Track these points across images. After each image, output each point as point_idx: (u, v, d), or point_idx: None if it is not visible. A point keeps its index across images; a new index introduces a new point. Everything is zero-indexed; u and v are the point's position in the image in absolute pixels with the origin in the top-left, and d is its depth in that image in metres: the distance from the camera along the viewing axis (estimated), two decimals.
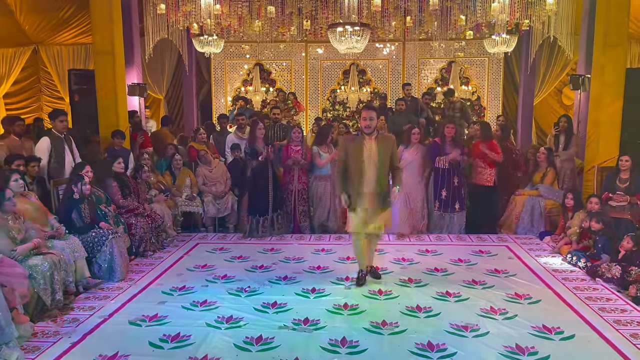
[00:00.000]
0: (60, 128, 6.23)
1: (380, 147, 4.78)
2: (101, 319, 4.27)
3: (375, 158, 4.76)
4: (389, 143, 4.90)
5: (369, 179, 4.77)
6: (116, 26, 7.27)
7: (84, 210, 5.27)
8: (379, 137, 4.86)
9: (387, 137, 5.05)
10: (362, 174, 4.76)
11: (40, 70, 11.58)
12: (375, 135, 4.83)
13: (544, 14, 8.12)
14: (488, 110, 12.03)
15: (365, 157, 4.75)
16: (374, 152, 4.76)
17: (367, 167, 4.75)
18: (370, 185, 4.78)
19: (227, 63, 12.32)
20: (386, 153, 4.81)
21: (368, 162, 4.75)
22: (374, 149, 4.77)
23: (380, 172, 4.79)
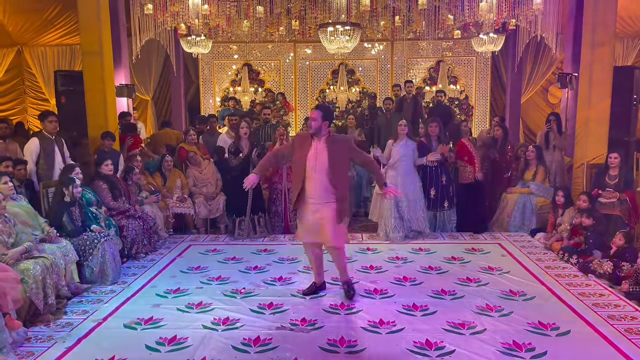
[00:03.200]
0: (50, 129, 6.14)
1: (332, 150, 4.28)
2: (95, 322, 4.21)
3: (324, 162, 4.27)
4: (344, 145, 4.43)
5: (315, 186, 4.31)
6: (104, 26, 7.18)
7: (74, 212, 5.20)
8: (330, 139, 4.34)
9: (340, 138, 4.61)
10: (304, 179, 4.33)
11: (24, 72, 11.41)
12: (326, 137, 4.34)
13: (531, 13, 8.20)
14: (476, 109, 12.12)
15: (310, 160, 4.28)
16: (322, 156, 4.27)
17: (311, 172, 4.29)
18: (315, 194, 4.32)
19: (215, 63, 12.26)
20: (339, 157, 4.31)
21: (313, 166, 4.28)
22: (323, 152, 4.28)
23: (333, 179, 4.28)
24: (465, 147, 6.97)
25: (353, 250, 6.12)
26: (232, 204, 6.91)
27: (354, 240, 6.58)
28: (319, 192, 4.30)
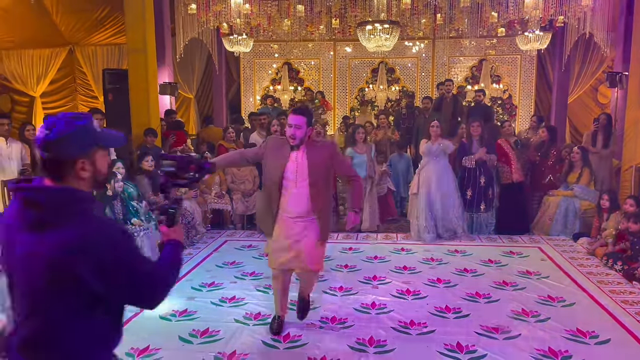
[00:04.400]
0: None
1: (313, 158, 3.57)
2: (133, 313, 4.34)
3: (305, 174, 3.57)
4: (326, 151, 3.67)
5: (294, 201, 3.59)
6: (149, 26, 7.41)
7: (116, 206, 5.39)
8: (310, 145, 3.61)
9: (321, 144, 3.81)
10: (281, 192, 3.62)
11: (75, 70, 11.89)
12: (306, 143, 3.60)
13: (580, 10, 7.93)
14: (520, 109, 11.80)
15: (289, 172, 3.57)
16: (302, 166, 3.57)
17: (292, 186, 3.59)
18: (295, 209, 3.61)
19: (256, 62, 12.42)
20: (321, 165, 3.61)
21: (294, 179, 3.58)
22: (304, 162, 3.57)
23: (315, 193, 3.59)
24: (501, 148, 6.81)
25: (387, 251, 6.09)
26: None
27: (388, 241, 6.55)
28: (299, 208, 3.60)
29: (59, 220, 1.48)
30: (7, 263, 1.57)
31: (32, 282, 1.49)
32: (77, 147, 1.55)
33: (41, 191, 1.54)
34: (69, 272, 1.45)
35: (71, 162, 1.54)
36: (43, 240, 1.47)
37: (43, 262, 1.46)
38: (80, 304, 1.50)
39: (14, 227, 1.53)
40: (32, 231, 1.48)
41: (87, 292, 1.48)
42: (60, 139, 1.52)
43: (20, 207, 1.53)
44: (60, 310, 1.49)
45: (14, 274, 1.55)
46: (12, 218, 1.56)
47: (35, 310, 1.51)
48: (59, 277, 1.46)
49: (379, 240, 6.61)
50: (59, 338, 1.51)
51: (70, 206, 1.51)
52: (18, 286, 1.55)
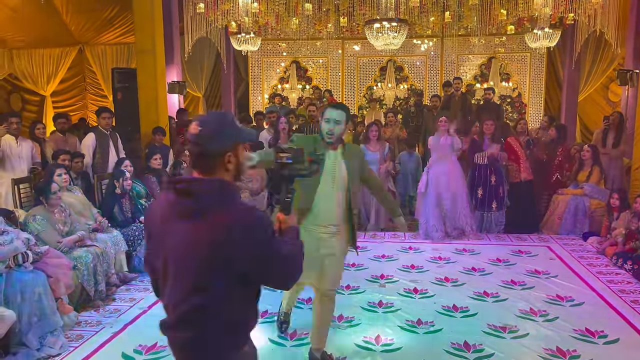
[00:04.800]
0: (104, 124, 6.44)
1: (349, 162, 3.24)
2: (141, 310, 4.39)
3: (344, 177, 3.21)
4: (360, 157, 3.39)
5: (329, 207, 3.20)
6: (157, 25, 7.44)
7: (124, 204, 5.43)
8: (346, 148, 3.29)
9: (355, 148, 3.60)
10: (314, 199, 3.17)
11: (85, 70, 11.99)
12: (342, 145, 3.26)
13: (590, 7, 7.85)
14: (529, 107, 11.71)
15: (328, 173, 3.16)
16: (340, 170, 3.20)
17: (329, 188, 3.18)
18: (328, 217, 3.21)
19: (264, 61, 12.43)
20: (356, 169, 3.28)
21: (332, 180, 3.18)
22: (342, 163, 3.22)
23: (348, 201, 3.25)
24: (511, 146, 6.78)
25: (395, 249, 6.08)
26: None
27: (396, 239, 6.54)
28: (334, 215, 3.22)
29: (211, 209, 1.64)
30: (160, 251, 1.72)
31: (191, 265, 1.65)
32: (226, 142, 1.72)
33: (195, 183, 1.69)
34: (222, 254, 1.62)
35: (220, 155, 1.71)
36: (198, 227, 1.63)
37: (199, 247, 1.62)
38: (234, 283, 1.66)
39: (165, 218, 1.70)
40: (186, 220, 1.65)
41: (238, 272, 1.65)
42: (212, 135, 1.69)
43: (174, 199, 1.70)
44: (217, 288, 1.65)
45: (169, 260, 1.70)
46: (162, 210, 1.73)
47: (195, 290, 1.65)
48: (214, 260, 1.63)
49: (386, 239, 6.60)
50: (217, 313, 1.68)
51: (221, 195, 1.67)
52: (174, 270, 1.69)
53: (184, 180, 1.73)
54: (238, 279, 1.67)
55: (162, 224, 1.72)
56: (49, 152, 6.34)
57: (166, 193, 1.75)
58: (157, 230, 1.75)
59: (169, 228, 1.68)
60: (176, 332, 1.71)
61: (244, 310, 1.74)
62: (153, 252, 1.79)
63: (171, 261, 1.69)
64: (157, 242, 1.76)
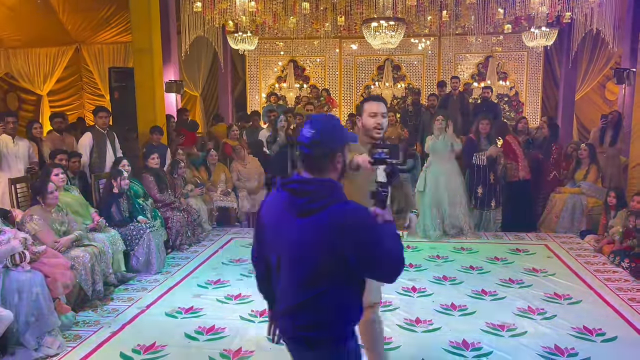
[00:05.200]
0: (101, 124, 6.43)
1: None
2: (139, 310, 4.38)
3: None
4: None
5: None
6: (154, 24, 7.41)
7: (122, 204, 5.41)
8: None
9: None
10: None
11: (82, 69, 11.95)
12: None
13: (587, 5, 7.86)
14: (527, 106, 11.72)
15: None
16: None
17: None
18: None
19: (262, 60, 12.41)
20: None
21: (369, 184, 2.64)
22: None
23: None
24: (510, 145, 6.79)
25: None
26: None
27: None
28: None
29: (325, 207, 1.77)
30: (275, 247, 1.88)
31: (307, 259, 1.79)
32: (337, 143, 1.84)
33: (309, 183, 1.82)
34: (336, 249, 1.74)
35: (331, 156, 1.83)
36: (313, 224, 1.76)
37: (315, 242, 1.76)
38: (346, 275, 1.81)
39: (280, 216, 1.85)
40: (301, 217, 1.78)
41: (350, 265, 1.77)
42: (325, 137, 1.82)
43: (289, 197, 1.83)
44: (331, 280, 1.80)
45: (283, 254, 1.85)
46: (276, 208, 1.88)
47: (313, 281, 1.80)
48: (329, 254, 1.76)
49: None
50: (333, 303, 1.82)
51: (333, 194, 1.80)
52: (291, 264, 1.83)
53: (298, 181, 1.84)
54: (350, 271, 1.80)
55: (277, 221, 1.87)
56: (46, 151, 6.32)
57: (279, 192, 1.89)
58: (272, 227, 1.89)
59: (285, 225, 1.83)
60: (294, 321, 1.86)
61: (355, 300, 1.88)
62: (266, 248, 1.94)
63: (287, 256, 1.84)
64: (271, 239, 1.90)
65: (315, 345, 1.86)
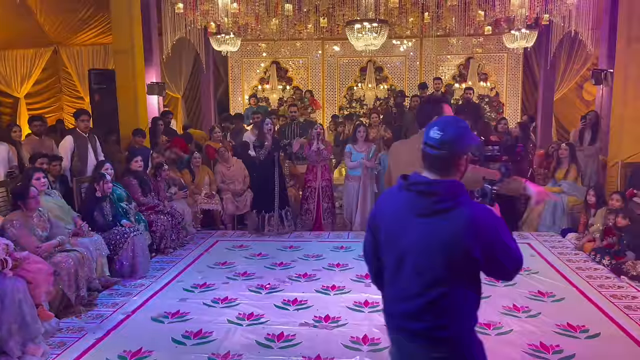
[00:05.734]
0: (83, 127, 6.33)
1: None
2: (124, 315, 4.32)
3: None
4: None
5: None
6: (135, 25, 7.34)
7: (105, 208, 5.34)
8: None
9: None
10: None
11: (60, 71, 11.76)
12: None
13: (565, 7, 8.00)
14: (507, 107, 11.89)
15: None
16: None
17: None
18: None
19: (244, 61, 12.36)
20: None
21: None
22: None
23: None
24: None
25: None
26: (260, 200, 6.95)
27: None
28: None
29: (450, 207, 1.79)
30: (394, 247, 1.89)
31: (433, 259, 1.79)
32: (464, 145, 1.87)
33: (436, 184, 1.83)
34: (462, 248, 1.76)
35: (458, 157, 1.86)
36: (439, 224, 1.78)
37: (441, 242, 1.77)
38: (469, 275, 1.83)
39: (401, 216, 1.86)
40: (426, 217, 1.80)
41: (475, 264, 1.79)
42: (454, 139, 1.83)
43: (413, 198, 1.84)
44: (457, 280, 1.81)
45: (406, 255, 1.85)
46: (396, 208, 1.89)
47: (438, 281, 1.80)
48: (455, 253, 1.77)
49: None
50: (457, 302, 1.83)
51: (458, 194, 1.81)
52: (414, 264, 1.83)
53: (425, 182, 1.85)
54: (475, 271, 1.83)
55: (398, 222, 1.87)
56: (26, 155, 6.20)
57: (398, 193, 1.91)
58: (391, 228, 1.90)
59: (407, 225, 1.85)
60: (415, 321, 1.85)
61: (476, 301, 1.90)
62: (382, 248, 1.95)
63: (410, 256, 1.84)
64: (391, 239, 1.91)
65: (438, 346, 1.86)
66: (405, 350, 1.93)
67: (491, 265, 1.82)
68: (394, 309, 1.95)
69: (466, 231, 1.76)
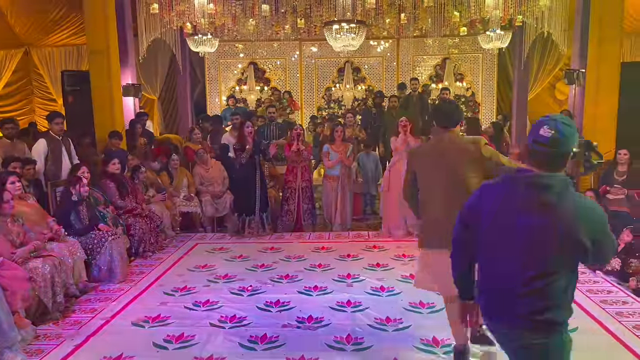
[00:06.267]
0: (57, 130, 6.19)
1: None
2: (103, 320, 4.24)
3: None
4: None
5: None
6: (110, 25, 7.23)
7: (82, 211, 5.23)
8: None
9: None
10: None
11: (32, 72, 11.49)
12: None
13: (538, 9, 8.16)
14: (482, 107, 12.07)
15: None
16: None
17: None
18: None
19: (221, 62, 12.27)
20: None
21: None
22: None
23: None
24: None
25: (360, 249, 6.12)
26: (240, 202, 6.89)
27: (360, 238, 6.59)
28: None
29: (562, 198, 1.98)
30: (509, 235, 2.04)
31: (545, 246, 1.98)
32: (573, 144, 2.01)
33: (550, 177, 2.00)
34: (572, 236, 1.94)
35: (567, 155, 2.02)
36: (552, 214, 1.96)
37: (554, 231, 1.96)
38: (575, 261, 2.03)
39: (512, 207, 2.04)
40: (540, 208, 1.98)
41: (582, 250, 1.96)
42: (566, 137, 1.98)
43: (527, 190, 2.02)
44: (565, 265, 1.99)
45: (519, 243, 2.02)
46: (504, 198, 2.09)
47: (548, 267, 1.98)
48: (566, 240, 1.95)
49: (351, 238, 6.64)
50: (564, 286, 2.00)
51: (568, 187, 2.00)
52: (524, 251, 2.01)
53: (538, 175, 2.02)
54: (581, 256, 2.02)
55: (510, 212, 2.05)
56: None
57: (507, 186, 2.10)
58: (502, 217, 2.07)
59: (518, 215, 2.02)
60: (520, 305, 2.02)
61: (574, 286, 2.07)
62: (488, 235, 2.12)
63: (523, 242, 2.01)
64: (501, 228, 2.07)
65: (542, 329, 2.01)
66: (511, 336, 2.09)
67: (597, 250, 1.99)
68: (498, 293, 2.11)
69: (581, 220, 1.95)
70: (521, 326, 2.04)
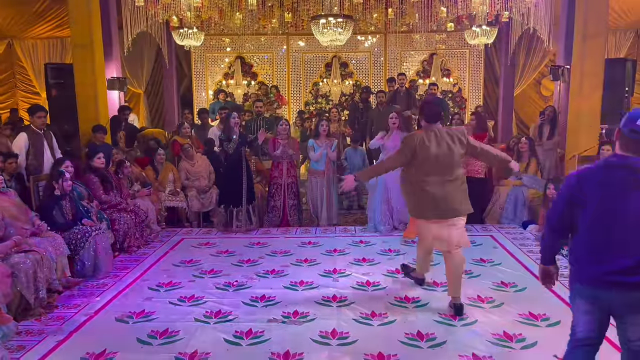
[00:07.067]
0: (39, 124, 6.10)
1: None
2: (87, 316, 4.20)
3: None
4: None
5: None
6: (94, 18, 7.12)
7: (65, 206, 5.17)
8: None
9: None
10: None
11: (15, 65, 11.32)
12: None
13: (524, 5, 8.20)
14: (469, 102, 12.13)
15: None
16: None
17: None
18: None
19: (208, 56, 12.18)
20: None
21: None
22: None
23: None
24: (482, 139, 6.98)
25: (346, 243, 6.13)
26: (227, 195, 6.84)
27: (347, 233, 6.60)
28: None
29: None
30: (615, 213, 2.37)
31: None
32: None
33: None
34: None
35: None
36: None
37: None
38: None
39: (619, 188, 2.36)
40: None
41: None
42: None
43: (630, 174, 2.34)
44: None
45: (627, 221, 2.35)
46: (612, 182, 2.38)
47: None
48: None
49: (337, 233, 6.65)
50: None
51: None
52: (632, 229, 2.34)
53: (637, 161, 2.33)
54: None
55: (615, 193, 2.36)
56: None
57: (608, 169, 2.41)
58: (607, 197, 2.37)
59: (626, 196, 2.34)
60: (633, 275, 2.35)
61: None
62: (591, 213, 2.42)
63: (629, 221, 2.34)
64: (607, 206, 2.38)
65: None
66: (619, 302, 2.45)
67: None
68: (606, 266, 2.39)
69: None
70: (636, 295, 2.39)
